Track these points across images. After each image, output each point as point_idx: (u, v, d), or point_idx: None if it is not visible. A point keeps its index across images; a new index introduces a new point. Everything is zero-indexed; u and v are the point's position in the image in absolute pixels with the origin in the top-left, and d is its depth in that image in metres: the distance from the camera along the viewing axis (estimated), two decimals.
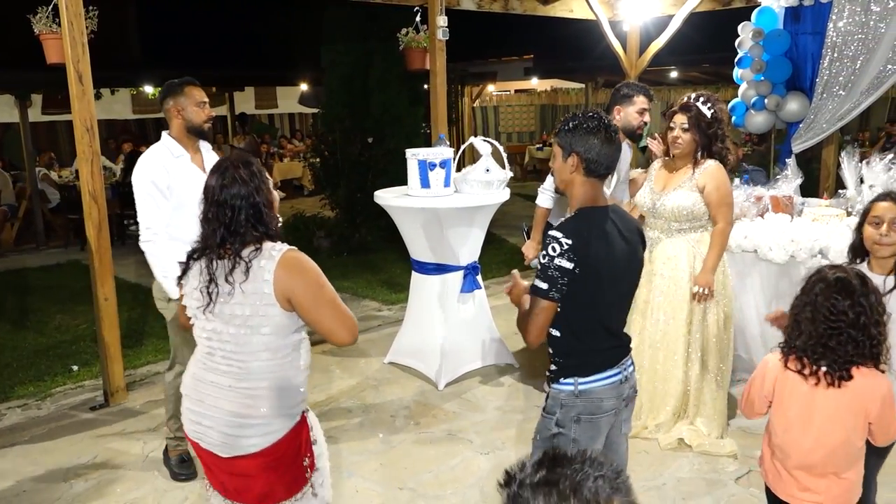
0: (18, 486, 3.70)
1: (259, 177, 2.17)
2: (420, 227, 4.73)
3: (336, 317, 2.14)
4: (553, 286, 2.18)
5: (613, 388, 2.34)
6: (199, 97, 3.58)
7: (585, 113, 2.32)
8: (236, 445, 2.15)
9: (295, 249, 2.15)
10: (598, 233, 2.24)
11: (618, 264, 2.28)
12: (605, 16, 7.51)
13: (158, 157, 3.51)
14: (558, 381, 2.35)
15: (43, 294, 7.50)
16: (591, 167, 2.27)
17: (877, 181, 4.41)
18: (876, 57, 5.31)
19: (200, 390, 2.21)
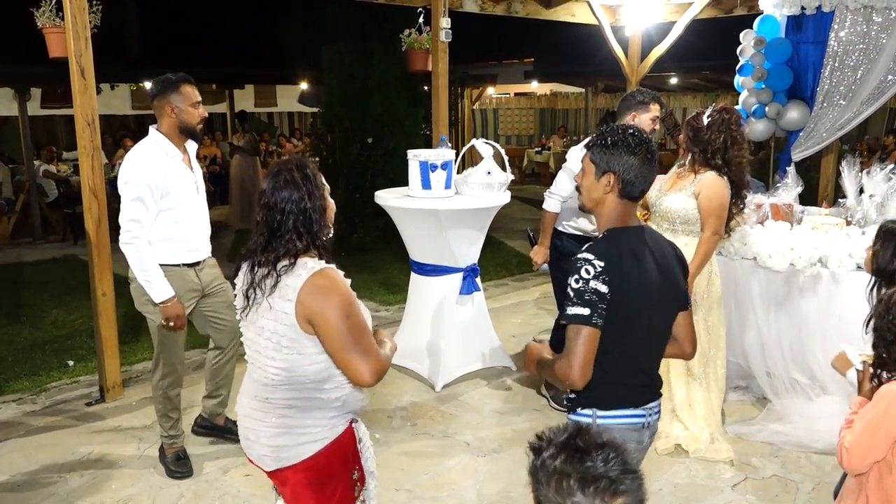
0: (13, 480, 3.69)
1: (312, 181, 2.07)
2: (420, 229, 4.73)
3: (357, 352, 1.98)
4: (594, 311, 1.98)
5: (635, 430, 2.14)
6: (194, 97, 3.52)
7: (625, 128, 2.12)
8: (278, 457, 2.10)
9: (330, 269, 2.04)
10: (629, 255, 2.06)
11: (650, 291, 2.09)
12: (607, 21, 7.52)
13: (154, 158, 3.44)
14: (576, 410, 2.16)
15: (39, 288, 7.47)
16: (627, 189, 2.09)
17: (877, 191, 4.42)
18: (877, 67, 5.34)
19: (245, 404, 2.18)
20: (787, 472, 3.70)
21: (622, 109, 4.22)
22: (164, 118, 3.51)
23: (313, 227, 2.05)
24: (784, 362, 4.25)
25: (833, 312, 4.07)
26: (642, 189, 2.12)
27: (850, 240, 4.20)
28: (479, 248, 4.94)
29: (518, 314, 6.52)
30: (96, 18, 4.47)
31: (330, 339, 1.98)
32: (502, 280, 7.78)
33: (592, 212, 2.19)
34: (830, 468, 3.71)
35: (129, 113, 15.41)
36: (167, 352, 3.67)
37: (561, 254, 4.34)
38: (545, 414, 4.42)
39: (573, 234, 4.36)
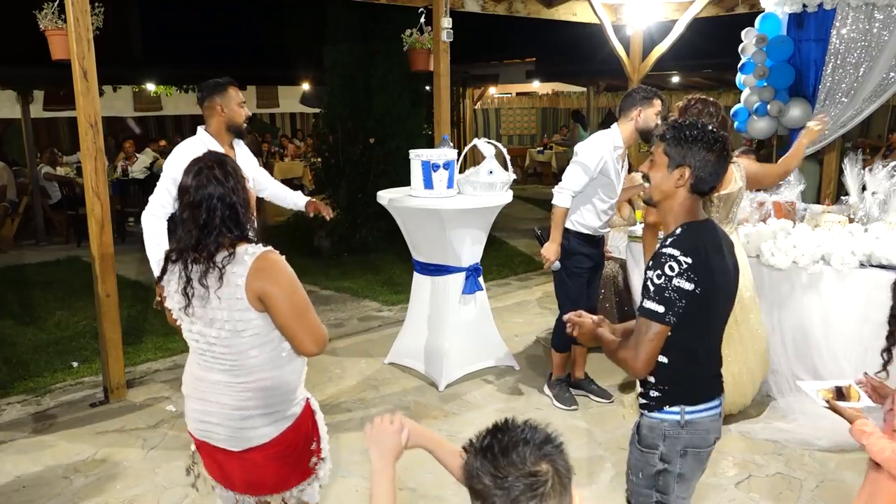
0: (18, 481, 3.70)
1: (234, 176, 2.13)
2: (423, 228, 4.74)
3: (303, 325, 2.10)
4: (670, 309, 1.98)
5: (715, 420, 2.17)
6: (239, 98, 3.78)
7: (704, 125, 2.11)
8: (244, 438, 2.17)
9: (271, 251, 2.13)
10: (713, 250, 2.07)
11: (731, 285, 2.14)
12: (608, 20, 7.52)
13: (197, 152, 3.54)
14: (661, 409, 2.13)
15: (43, 290, 7.49)
16: (698, 184, 2.08)
17: (879, 188, 4.43)
18: (879, 65, 5.34)
19: (202, 389, 2.21)
20: (791, 469, 3.70)
21: (626, 107, 4.19)
22: (212, 118, 3.74)
23: (240, 219, 2.11)
24: (787, 360, 4.25)
25: (836, 310, 4.07)
26: (712, 186, 2.11)
27: (852, 237, 4.20)
28: (482, 247, 4.94)
29: (521, 314, 6.52)
30: (98, 20, 4.49)
31: (279, 312, 2.07)
32: (505, 279, 7.79)
33: (658, 205, 2.17)
34: (834, 466, 3.71)
35: (132, 115, 15.41)
36: None
37: (567, 252, 4.29)
38: (548, 413, 4.42)
39: (581, 231, 4.32)
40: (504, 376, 5.00)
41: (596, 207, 4.28)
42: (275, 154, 15.62)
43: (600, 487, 3.59)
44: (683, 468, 2.13)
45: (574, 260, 4.31)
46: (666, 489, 2.14)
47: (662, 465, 2.13)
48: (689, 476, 2.15)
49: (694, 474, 2.17)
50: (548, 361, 5.25)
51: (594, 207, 4.27)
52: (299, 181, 15.33)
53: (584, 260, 4.34)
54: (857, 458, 3.76)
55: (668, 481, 2.14)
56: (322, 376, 5.04)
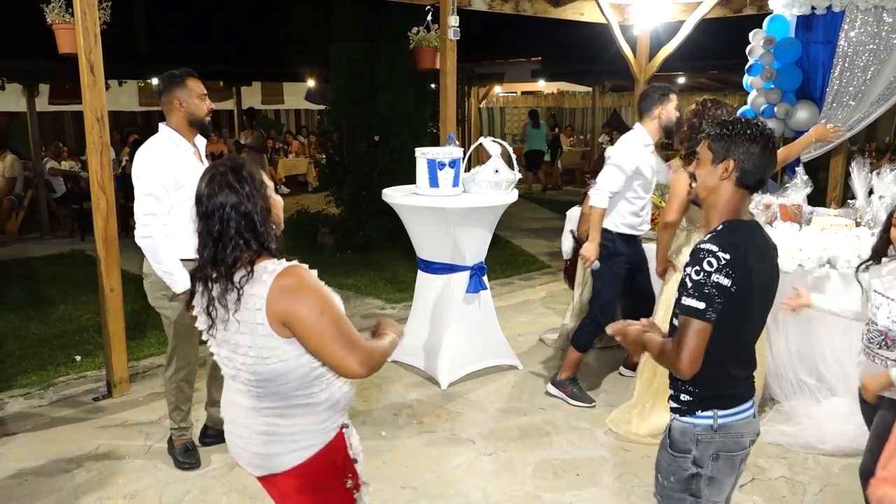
0: (20, 475, 3.70)
1: (251, 182, 1.92)
2: (427, 227, 4.73)
3: (341, 345, 1.89)
4: (710, 305, 1.96)
5: (748, 423, 2.15)
6: (199, 89, 3.56)
7: (748, 119, 2.11)
8: (267, 465, 2.06)
9: (294, 266, 1.93)
10: (752, 246, 2.05)
11: (769, 286, 2.12)
12: (615, 20, 7.50)
13: (165, 152, 3.46)
14: (693, 413, 2.11)
15: (46, 284, 7.50)
16: (744, 177, 2.06)
17: (887, 192, 4.41)
18: (887, 68, 5.32)
19: (231, 411, 2.13)
20: (795, 473, 3.68)
21: (647, 107, 4.31)
22: (172, 113, 3.54)
23: (258, 229, 1.91)
24: (792, 364, 4.23)
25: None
26: (760, 179, 2.09)
27: (859, 241, 4.18)
28: (486, 246, 4.93)
29: (524, 313, 6.52)
30: (105, 15, 4.48)
31: (309, 337, 1.89)
32: (509, 279, 7.78)
33: (705, 202, 2.15)
34: (838, 470, 3.69)
35: (137, 109, 15.44)
36: (182, 346, 3.68)
37: (610, 253, 4.37)
38: (551, 413, 4.41)
39: (623, 232, 4.39)
40: (507, 375, 4.99)
41: (634, 205, 4.38)
42: (279, 151, 15.63)
43: (602, 488, 3.58)
44: (715, 471, 2.11)
45: (616, 261, 4.40)
46: (698, 493, 2.13)
47: (695, 469, 2.11)
48: (720, 479, 2.12)
49: (726, 478, 2.14)
50: (551, 360, 5.26)
51: (632, 206, 4.38)
52: (303, 178, 15.36)
53: (625, 261, 4.44)
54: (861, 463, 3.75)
55: (700, 485, 2.12)
56: None
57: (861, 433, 3.86)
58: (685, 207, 3.84)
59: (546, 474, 3.71)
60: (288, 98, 17.87)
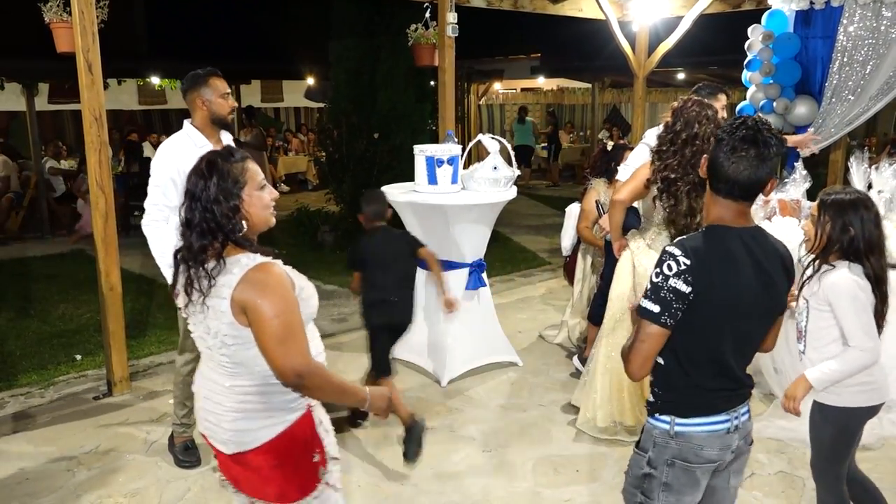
0: (21, 473, 3.71)
1: (220, 174, 1.98)
2: (427, 224, 4.73)
3: (280, 352, 1.94)
4: (666, 310, 1.90)
5: (717, 436, 2.02)
6: (222, 88, 3.67)
7: (735, 120, 1.97)
8: (239, 441, 2.12)
9: (269, 263, 1.99)
10: (722, 255, 1.93)
11: (742, 298, 1.95)
12: (614, 16, 7.49)
13: (181, 147, 3.58)
14: (653, 415, 2.07)
15: (47, 283, 7.50)
16: (715, 185, 1.97)
17: (885, 186, 4.40)
18: (886, 62, 5.32)
19: (206, 387, 2.19)
20: (794, 468, 3.69)
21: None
22: (196, 111, 3.65)
23: (219, 220, 1.97)
24: (791, 358, 4.22)
25: None
26: (738, 187, 1.93)
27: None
28: (486, 243, 4.93)
29: (524, 310, 6.52)
30: (103, 13, 4.48)
31: (258, 334, 1.95)
32: (508, 276, 7.78)
33: (705, 214, 2.08)
34: None
35: (137, 108, 15.42)
36: (189, 338, 3.70)
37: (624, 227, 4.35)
38: (550, 409, 4.42)
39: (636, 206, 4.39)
40: (507, 372, 5.00)
41: None
42: (279, 148, 15.63)
43: (602, 484, 3.59)
44: (670, 479, 2.04)
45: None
46: (650, 494, 2.07)
47: (648, 469, 2.06)
48: (677, 488, 2.04)
49: (685, 488, 2.05)
50: (551, 357, 5.26)
51: None
52: (303, 176, 15.35)
53: None
54: (860, 458, 3.74)
55: (652, 486, 2.07)
56: None
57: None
58: (638, 193, 3.81)
59: (546, 470, 3.72)
60: (287, 96, 17.84)
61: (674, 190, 3.56)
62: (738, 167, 1.91)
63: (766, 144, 1.90)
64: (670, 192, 3.57)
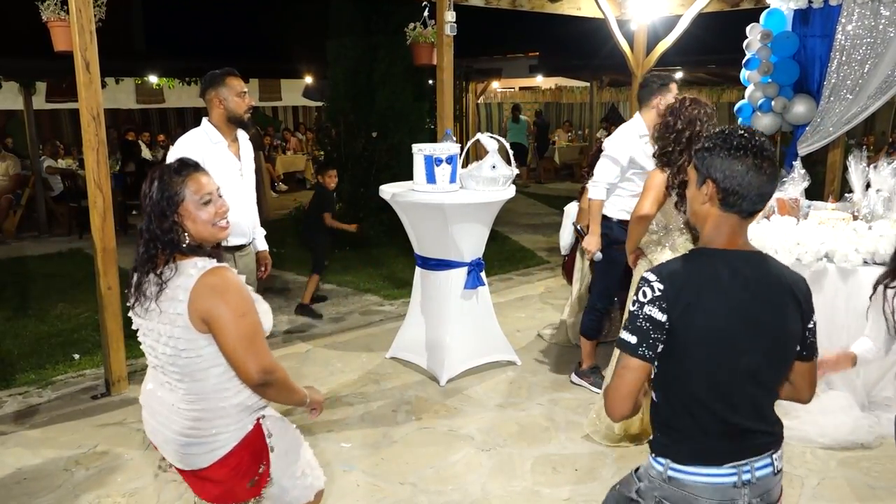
0: (19, 473, 3.70)
1: (162, 188, 2.01)
2: (425, 223, 4.73)
3: (250, 351, 1.98)
4: (643, 340, 1.73)
5: (718, 490, 1.78)
6: (239, 87, 3.72)
7: (735, 129, 1.79)
8: (189, 462, 2.14)
9: (221, 268, 2.02)
10: (704, 280, 1.75)
11: (731, 328, 1.74)
12: (612, 14, 7.49)
13: (197, 142, 3.64)
14: (652, 454, 1.89)
15: (44, 282, 7.49)
16: (728, 200, 1.75)
17: (884, 185, 4.41)
18: (884, 61, 5.32)
19: (153, 406, 2.19)
20: (793, 467, 3.69)
21: (645, 96, 4.28)
22: (213, 110, 3.71)
23: (158, 234, 2.00)
24: None
25: (839, 307, 4.06)
26: (751, 202, 1.75)
27: (856, 235, 4.18)
28: (484, 242, 4.93)
29: (523, 309, 6.52)
30: (101, 12, 4.47)
31: (226, 336, 1.96)
32: (507, 274, 7.78)
33: (699, 229, 1.88)
34: (835, 463, 3.70)
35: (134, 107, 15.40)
36: None
37: (610, 241, 4.39)
38: (549, 408, 4.42)
39: (623, 219, 4.36)
40: (506, 371, 5.00)
41: (632, 192, 4.36)
42: (277, 147, 15.61)
43: (601, 483, 3.58)
44: None
45: (614, 248, 4.37)
46: None
47: (636, 497, 1.91)
48: None
49: None
50: (550, 356, 5.26)
51: (630, 192, 4.36)
52: (301, 175, 15.34)
53: (623, 248, 4.40)
54: (859, 456, 3.76)
55: None
56: (323, 370, 5.04)
57: (858, 426, 3.89)
58: (660, 202, 3.71)
59: (545, 469, 3.71)
60: (286, 95, 17.80)
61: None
62: (764, 179, 1.74)
63: (770, 153, 1.77)
64: (684, 195, 3.57)
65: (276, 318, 6.11)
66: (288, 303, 6.55)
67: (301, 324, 6.01)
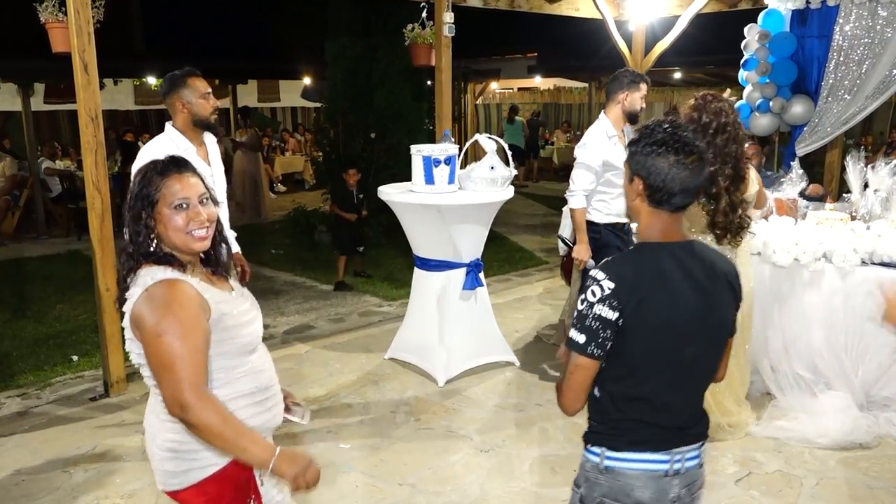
0: (17, 475, 3.70)
1: (140, 187, 1.88)
2: (423, 224, 4.73)
3: (163, 378, 1.77)
4: (593, 339, 1.74)
5: (652, 478, 1.81)
6: (203, 88, 3.55)
7: (658, 122, 1.82)
8: (166, 482, 1.98)
9: (175, 281, 1.82)
10: (653, 275, 1.76)
11: (681, 321, 1.77)
12: (610, 15, 7.49)
13: (163, 150, 3.46)
14: (587, 446, 1.91)
15: (43, 283, 7.49)
16: (655, 196, 1.78)
17: (882, 186, 4.42)
18: (882, 61, 5.33)
19: (146, 414, 2.10)
20: (791, 467, 3.69)
21: (614, 90, 4.28)
22: (176, 114, 3.56)
23: (132, 236, 1.88)
24: (788, 358, 4.24)
25: (837, 307, 4.07)
26: (679, 198, 1.77)
27: (854, 235, 4.19)
28: (483, 243, 4.93)
29: (521, 309, 6.52)
30: (99, 13, 4.47)
31: (146, 351, 1.80)
32: (505, 275, 7.78)
33: (636, 223, 1.90)
34: (834, 463, 3.71)
35: (133, 108, 15.41)
36: None
37: (599, 245, 4.36)
38: (548, 409, 4.42)
39: (610, 221, 4.38)
40: (504, 372, 5.00)
41: (611, 194, 4.35)
42: (276, 148, 15.62)
43: None
44: None
45: (605, 252, 4.32)
46: None
47: None
48: None
49: None
50: (548, 357, 5.26)
51: (609, 194, 4.35)
52: (300, 176, 15.34)
53: (616, 252, 4.37)
54: (857, 456, 3.77)
55: None
56: (322, 371, 5.04)
57: (857, 426, 3.90)
58: None
59: (543, 470, 3.72)
60: (284, 96, 17.85)
61: (714, 191, 3.55)
62: (689, 174, 1.76)
63: (700, 149, 1.79)
64: (710, 193, 3.56)
65: (275, 320, 6.14)
66: (286, 304, 6.55)
67: (299, 325, 6.00)
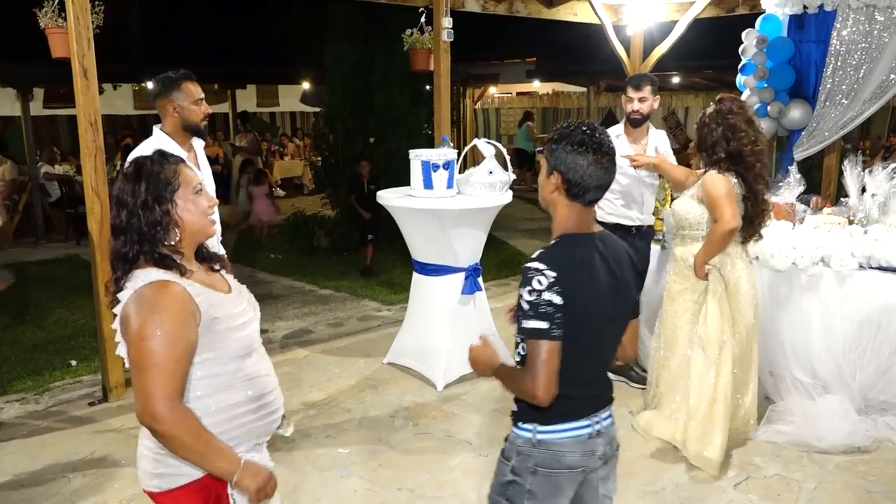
0: (16, 480, 3.70)
1: (152, 176, 1.82)
2: (422, 228, 4.74)
3: (138, 383, 1.72)
4: (552, 322, 1.88)
5: (579, 442, 2.02)
6: (196, 93, 3.51)
7: (579, 125, 1.99)
8: (144, 482, 1.93)
9: (166, 283, 1.77)
10: (583, 265, 1.96)
11: (603, 303, 1.98)
12: (609, 20, 7.51)
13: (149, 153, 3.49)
14: (517, 424, 2.07)
15: (42, 288, 7.49)
16: (572, 191, 1.98)
17: (879, 190, 4.42)
18: (879, 66, 5.34)
19: None
20: (790, 471, 3.69)
21: None
22: (167, 117, 3.52)
23: (144, 229, 1.80)
24: (786, 362, 4.24)
25: (835, 311, 4.07)
26: (593, 193, 1.98)
27: (852, 239, 4.20)
28: (481, 247, 4.94)
29: None
30: (99, 19, 4.48)
31: (127, 349, 1.76)
32: (504, 280, 7.78)
33: (549, 212, 2.09)
34: (833, 467, 3.71)
35: (132, 113, 15.42)
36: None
37: None
38: None
39: (613, 222, 4.40)
40: None
41: (614, 193, 4.40)
42: (275, 153, 15.63)
43: None
44: (534, 486, 2.02)
45: None
46: (515, 501, 2.06)
47: (512, 477, 2.06)
48: (541, 496, 2.02)
49: (549, 497, 2.03)
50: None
51: (612, 194, 4.38)
52: (299, 180, 15.36)
53: None
54: (855, 460, 3.77)
55: (517, 493, 2.06)
56: (321, 376, 5.04)
57: (855, 430, 3.90)
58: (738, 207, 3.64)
59: None
60: (283, 100, 17.86)
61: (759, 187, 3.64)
62: (603, 172, 1.97)
63: (613, 151, 2.00)
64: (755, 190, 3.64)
65: (274, 325, 6.14)
66: (285, 309, 6.55)
67: (298, 329, 6.00)
